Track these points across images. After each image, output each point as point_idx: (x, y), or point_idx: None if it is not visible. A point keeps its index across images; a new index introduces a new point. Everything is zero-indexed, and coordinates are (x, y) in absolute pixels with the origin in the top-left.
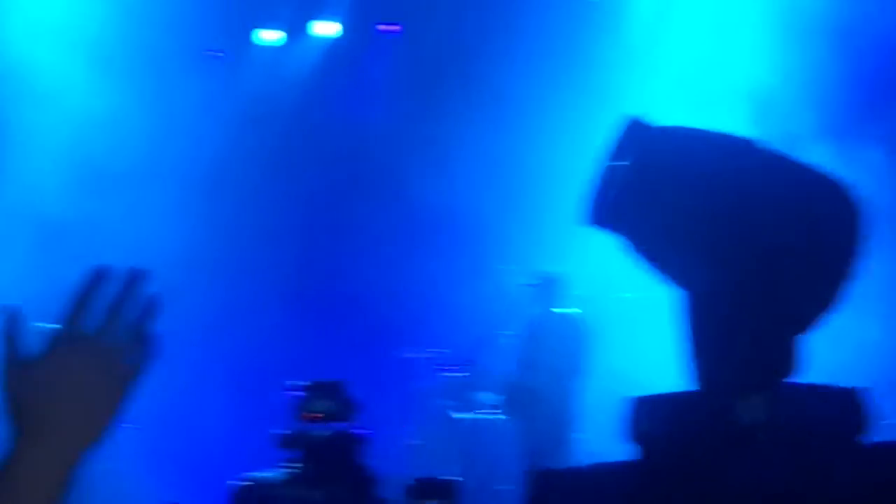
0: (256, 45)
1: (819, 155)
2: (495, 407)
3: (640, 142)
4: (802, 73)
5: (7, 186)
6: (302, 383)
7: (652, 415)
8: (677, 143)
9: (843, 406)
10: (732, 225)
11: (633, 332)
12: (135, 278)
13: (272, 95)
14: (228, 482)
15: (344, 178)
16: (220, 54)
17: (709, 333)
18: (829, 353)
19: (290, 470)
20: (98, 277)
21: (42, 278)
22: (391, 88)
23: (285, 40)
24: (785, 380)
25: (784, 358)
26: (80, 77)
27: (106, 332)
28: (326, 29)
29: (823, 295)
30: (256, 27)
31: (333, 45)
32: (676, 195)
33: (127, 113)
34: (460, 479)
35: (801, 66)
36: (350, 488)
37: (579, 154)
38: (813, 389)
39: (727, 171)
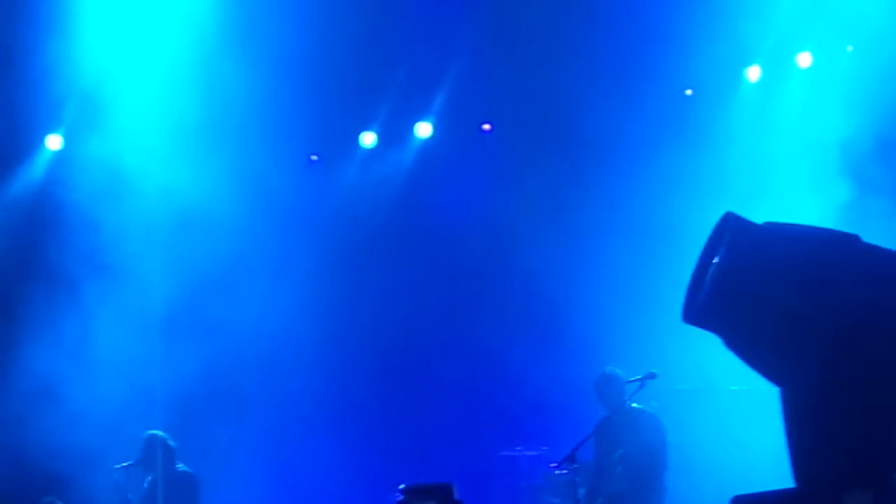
0: (355, 147)
1: None
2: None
3: (731, 239)
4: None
5: (121, 282)
6: (407, 486)
7: None
8: (768, 238)
9: None
10: (830, 319)
11: (738, 425)
12: None
13: (372, 193)
14: None
15: (445, 275)
16: (315, 158)
17: (809, 429)
18: None
19: None
20: None
21: (159, 367)
22: (487, 184)
23: (382, 142)
24: (892, 475)
25: (890, 452)
26: (184, 177)
27: None
28: (421, 130)
29: None
30: (354, 130)
31: (428, 144)
32: (770, 290)
33: (231, 211)
34: None
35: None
36: None
37: (684, 246)
38: None
39: (823, 266)
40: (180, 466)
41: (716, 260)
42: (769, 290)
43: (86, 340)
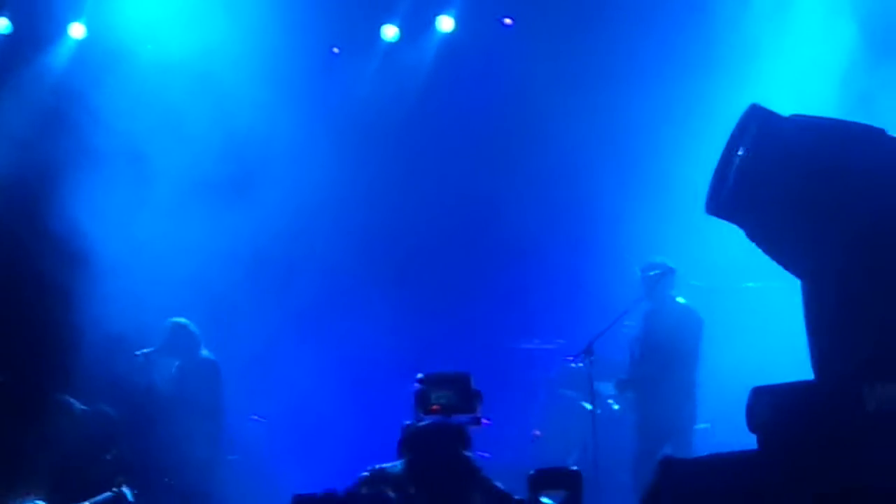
0: (377, 40)
1: None
2: (615, 396)
3: (758, 130)
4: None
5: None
6: (425, 375)
7: (772, 404)
8: (794, 130)
9: None
10: (853, 210)
11: (757, 322)
12: None
13: (394, 87)
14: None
15: (469, 168)
16: (336, 51)
17: (831, 320)
18: None
19: (410, 461)
20: None
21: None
22: (510, 79)
23: (404, 36)
24: None
25: None
26: (206, 67)
27: None
28: (443, 23)
29: None
30: (376, 23)
31: (450, 38)
32: (794, 181)
33: (254, 107)
34: (582, 468)
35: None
36: (462, 479)
37: (704, 143)
38: None
39: (847, 158)
40: (204, 353)
41: (741, 151)
42: (795, 182)
43: (126, 222)
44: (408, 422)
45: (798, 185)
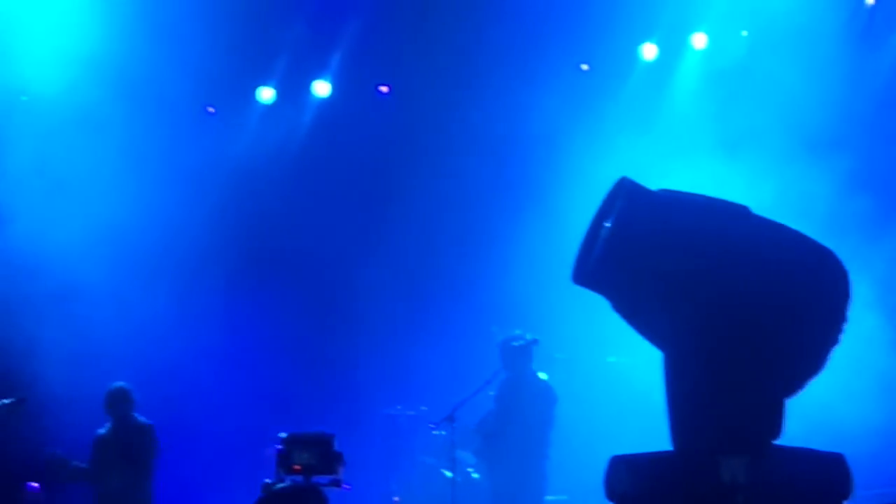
0: (254, 103)
1: None
2: (475, 465)
3: (625, 202)
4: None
5: None
6: (287, 435)
7: (630, 475)
8: (661, 205)
9: (827, 471)
10: (715, 287)
11: (617, 395)
12: None
13: (268, 150)
14: None
15: (336, 235)
16: (212, 110)
17: (690, 393)
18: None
19: None
20: None
21: None
22: (383, 146)
23: (280, 98)
24: (768, 442)
25: (767, 419)
26: (85, 123)
27: None
28: (319, 88)
29: (808, 358)
30: (252, 85)
31: (326, 103)
32: (658, 255)
33: (130, 168)
34: None
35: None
36: None
37: (572, 213)
38: (796, 452)
39: (712, 235)
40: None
41: (609, 223)
42: (659, 255)
43: None
44: (268, 480)
45: (663, 258)
